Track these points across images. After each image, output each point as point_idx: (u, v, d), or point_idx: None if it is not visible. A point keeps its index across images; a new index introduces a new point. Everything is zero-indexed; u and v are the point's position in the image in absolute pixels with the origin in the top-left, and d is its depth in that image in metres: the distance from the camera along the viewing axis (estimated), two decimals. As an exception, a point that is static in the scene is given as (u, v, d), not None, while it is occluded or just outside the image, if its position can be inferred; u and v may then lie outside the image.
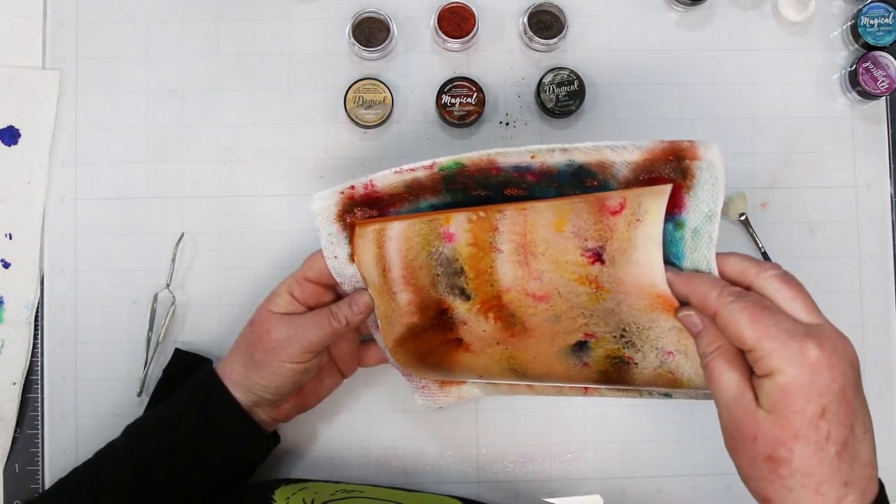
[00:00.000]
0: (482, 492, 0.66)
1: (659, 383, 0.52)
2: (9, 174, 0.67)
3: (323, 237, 0.58)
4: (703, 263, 0.48)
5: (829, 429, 0.41)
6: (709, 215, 0.48)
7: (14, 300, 0.67)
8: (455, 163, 0.55)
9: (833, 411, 0.41)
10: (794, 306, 0.44)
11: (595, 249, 0.49)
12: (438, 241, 0.55)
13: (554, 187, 0.53)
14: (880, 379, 0.68)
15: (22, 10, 0.68)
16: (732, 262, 0.47)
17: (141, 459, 0.56)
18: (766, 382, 0.42)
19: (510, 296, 0.54)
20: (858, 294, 0.69)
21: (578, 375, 0.55)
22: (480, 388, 0.62)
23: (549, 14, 0.68)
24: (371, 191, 0.57)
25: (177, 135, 0.68)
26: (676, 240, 0.48)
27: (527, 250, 0.52)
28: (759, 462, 0.42)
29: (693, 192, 0.48)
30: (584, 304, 0.51)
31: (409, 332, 0.57)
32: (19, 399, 0.66)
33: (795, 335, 0.41)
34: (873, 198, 0.70)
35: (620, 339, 0.51)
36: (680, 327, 0.48)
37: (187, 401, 0.59)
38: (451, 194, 0.57)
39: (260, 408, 0.58)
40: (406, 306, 0.57)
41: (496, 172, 0.54)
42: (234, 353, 0.59)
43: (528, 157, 0.53)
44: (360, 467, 0.66)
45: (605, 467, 0.67)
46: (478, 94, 0.67)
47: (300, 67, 0.69)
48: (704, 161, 0.47)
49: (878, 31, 0.68)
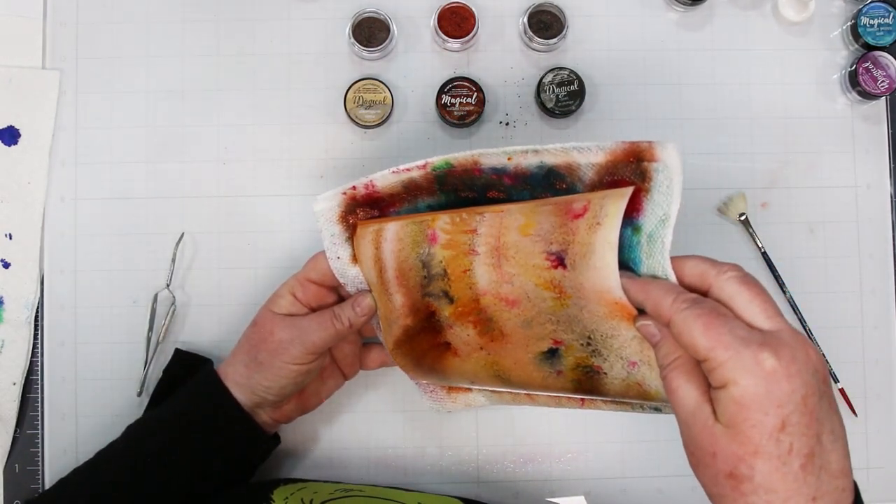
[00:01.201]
0: (482, 492, 0.66)
1: (630, 395, 0.50)
2: (9, 174, 0.67)
3: (326, 238, 0.57)
4: (659, 269, 0.45)
5: (791, 441, 0.38)
6: (663, 219, 0.45)
7: (14, 300, 0.67)
8: (445, 163, 0.54)
9: (795, 423, 0.38)
10: (752, 309, 0.41)
11: (558, 253, 0.48)
12: (425, 242, 0.55)
13: (528, 190, 0.52)
14: (880, 379, 0.68)
15: (22, 10, 0.68)
16: (691, 266, 0.44)
17: (141, 460, 0.56)
18: (722, 394, 0.39)
19: (486, 300, 0.53)
20: (858, 294, 0.69)
21: (555, 384, 0.54)
22: (486, 396, 0.61)
23: (549, 14, 0.68)
24: (372, 191, 0.57)
25: (177, 135, 0.68)
26: (633, 245, 0.47)
27: (500, 253, 0.51)
28: (720, 479, 0.40)
29: (650, 195, 0.46)
30: (551, 310, 0.50)
31: (405, 335, 0.57)
32: (19, 399, 0.66)
33: (750, 343, 0.39)
34: (873, 198, 0.70)
35: (587, 346, 0.50)
36: (641, 337, 0.47)
37: (188, 401, 0.59)
38: (445, 195, 0.57)
39: (262, 409, 0.58)
40: (401, 308, 0.57)
41: (478, 174, 0.54)
42: (236, 353, 0.59)
43: (506, 159, 0.51)
44: (360, 467, 0.66)
45: (605, 467, 0.67)
46: (478, 94, 0.67)
47: (300, 67, 0.69)
48: (661, 163, 0.45)
49: (878, 31, 0.68)
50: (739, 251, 0.68)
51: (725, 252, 0.68)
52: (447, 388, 0.62)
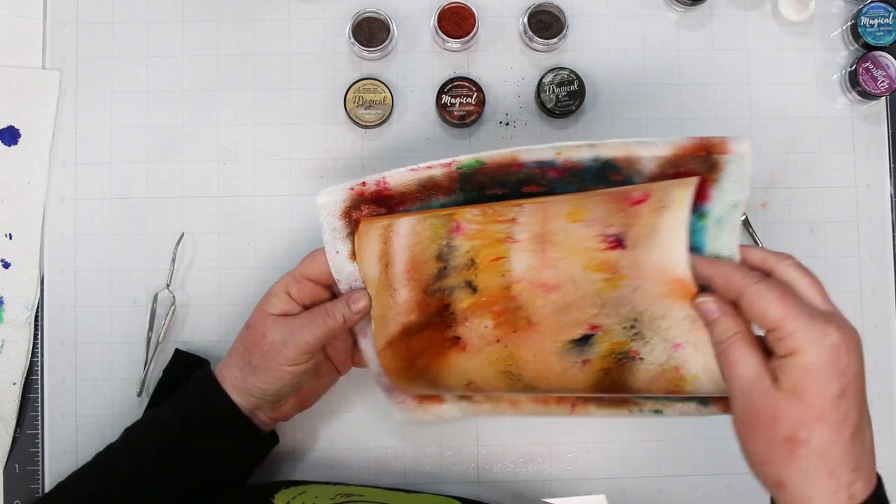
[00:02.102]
0: (482, 492, 0.66)
1: (659, 383, 0.52)
2: (9, 174, 0.67)
3: (326, 232, 0.57)
4: (725, 250, 0.49)
5: (847, 410, 0.42)
6: (734, 204, 0.49)
7: (14, 300, 0.67)
8: (476, 161, 0.55)
9: (851, 394, 0.42)
10: (812, 294, 0.46)
11: (616, 235, 0.50)
12: (449, 234, 0.55)
13: (576, 182, 0.54)
14: (880, 379, 0.68)
15: (22, 10, 0.68)
16: (753, 252, 0.49)
17: (139, 463, 0.56)
18: (788, 362, 0.43)
19: (520, 286, 0.53)
20: (858, 294, 0.69)
21: (576, 376, 0.54)
22: (461, 408, 0.61)
23: (549, 14, 0.68)
24: (383, 188, 0.57)
25: (177, 135, 0.68)
26: (698, 229, 0.50)
27: (544, 239, 0.53)
28: (776, 444, 0.43)
29: (719, 184, 0.50)
30: (598, 292, 0.51)
31: (403, 333, 0.57)
32: (19, 399, 0.66)
33: (817, 317, 0.43)
34: (873, 198, 0.70)
35: (630, 329, 0.51)
36: (693, 317, 0.49)
37: (185, 404, 0.59)
38: (465, 193, 0.57)
39: (261, 410, 0.58)
40: (405, 304, 0.56)
41: (517, 169, 0.55)
42: (231, 356, 0.58)
43: (553, 154, 0.54)
44: (360, 467, 0.66)
45: (605, 467, 0.67)
46: (478, 94, 0.67)
47: (300, 67, 0.69)
48: (734, 154, 0.50)
49: (878, 31, 0.68)
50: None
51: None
52: (418, 398, 0.61)
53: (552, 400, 0.59)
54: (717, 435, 0.67)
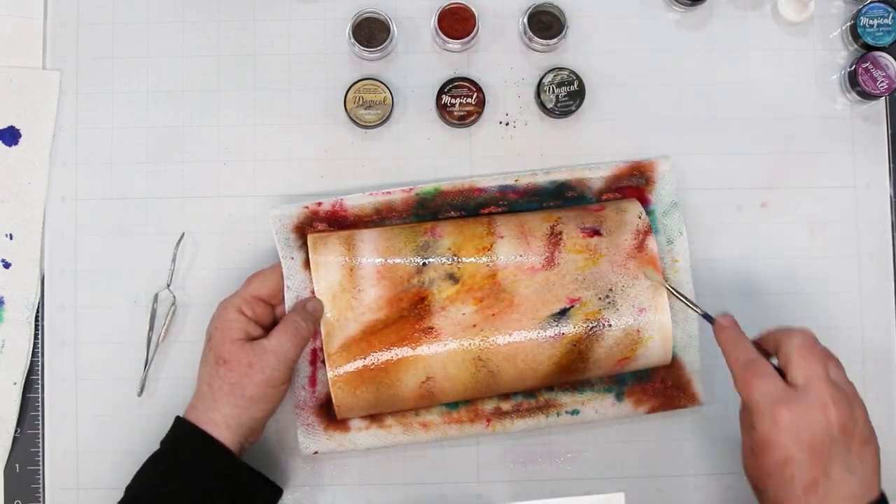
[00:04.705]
0: (482, 492, 0.66)
1: (619, 349, 0.60)
2: (9, 174, 0.67)
3: (280, 241, 0.62)
4: (675, 227, 0.65)
5: (793, 472, 0.50)
6: (672, 203, 0.66)
7: (14, 300, 0.67)
8: (434, 188, 0.64)
9: (799, 460, 0.50)
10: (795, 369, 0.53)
11: (593, 227, 0.62)
12: (425, 233, 0.61)
13: (535, 201, 0.65)
14: (880, 379, 0.68)
15: (22, 10, 0.68)
16: (768, 336, 0.57)
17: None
18: (751, 433, 0.53)
19: (505, 272, 0.60)
20: (858, 294, 0.69)
21: (544, 353, 0.59)
22: (370, 434, 0.62)
23: (549, 14, 0.68)
24: (339, 209, 0.63)
25: (177, 135, 0.68)
26: (652, 220, 0.65)
27: (526, 234, 0.61)
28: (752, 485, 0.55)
29: (656, 191, 0.66)
30: (579, 270, 0.61)
31: (365, 332, 0.59)
32: (19, 399, 0.66)
33: (775, 401, 0.51)
34: (873, 198, 0.70)
35: (605, 299, 0.60)
36: (654, 286, 0.61)
37: (190, 476, 0.56)
38: (419, 218, 0.63)
39: (247, 440, 0.58)
40: (371, 303, 0.59)
41: (478, 193, 0.65)
42: (216, 399, 0.56)
43: (513, 181, 0.65)
44: (360, 467, 0.66)
45: (605, 467, 0.67)
46: (478, 94, 0.67)
47: (300, 67, 0.69)
48: (661, 171, 0.66)
49: (878, 31, 0.68)
50: (735, 250, 0.68)
51: (726, 251, 0.68)
52: (325, 424, 0.62)
53: (465, 417, 0.63)
54: (717, 435, 0.67)
